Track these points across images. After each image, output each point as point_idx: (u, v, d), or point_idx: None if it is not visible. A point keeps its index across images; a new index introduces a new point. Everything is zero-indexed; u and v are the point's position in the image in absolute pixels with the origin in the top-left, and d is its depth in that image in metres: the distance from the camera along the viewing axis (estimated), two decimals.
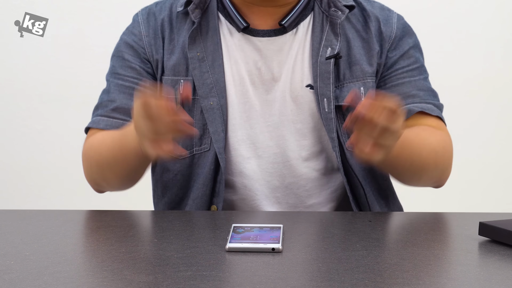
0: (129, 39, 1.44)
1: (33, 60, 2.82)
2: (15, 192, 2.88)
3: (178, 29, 1.41)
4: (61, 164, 2.87)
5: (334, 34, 1.38)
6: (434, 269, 0.99)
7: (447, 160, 1.41)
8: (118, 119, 1.39)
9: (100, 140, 1.37)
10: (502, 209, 1.75)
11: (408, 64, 1.43)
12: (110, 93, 1.42)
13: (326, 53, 1.37)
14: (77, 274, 0.95)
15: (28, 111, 2.84)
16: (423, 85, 1.43)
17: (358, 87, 1.39)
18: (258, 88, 1.38)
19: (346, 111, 1.38)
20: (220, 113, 1.36)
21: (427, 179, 1.42)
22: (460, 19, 2.89)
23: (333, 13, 1.39)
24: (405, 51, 1.43)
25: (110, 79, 1.44)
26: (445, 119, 1.45)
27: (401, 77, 1.42)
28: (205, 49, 1.38)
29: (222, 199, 1.37)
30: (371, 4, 1.45)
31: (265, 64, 1.38)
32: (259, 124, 1.38)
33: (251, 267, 0.97)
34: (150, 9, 1.46)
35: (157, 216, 1.28)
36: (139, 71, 1.42)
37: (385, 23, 1.43)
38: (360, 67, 1.39)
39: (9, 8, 2.77)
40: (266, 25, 1.40)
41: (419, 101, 1.41)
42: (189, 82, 1.35)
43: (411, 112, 1.40)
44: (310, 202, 1.41)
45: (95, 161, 1.37)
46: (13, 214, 1.31)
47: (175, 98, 1.12)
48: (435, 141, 1.37)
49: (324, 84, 1.36)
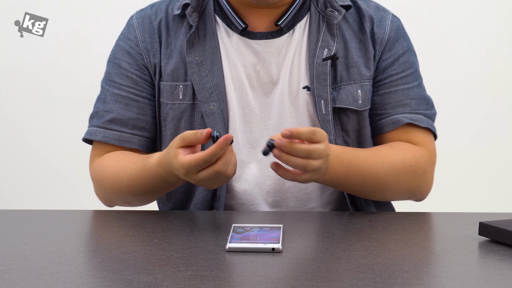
0: (125, 45, 1.42)
1: (33, 60, 2.82)
2: (15, 192, 2.88)
3: (175, 32, 1.40)
4: (61, 164, 2.87)
5: (330, 34, 1.37)
6: (434, 269, 0.99)
7: (415, 178, 1.36)
8: (115, 130, 1.39)
9: (116, 167, 1.36)
10: (502, 209, 1.75)
11: (403, 70, 1.42)
12: (106, 103, 1.41)
13: (322, 54, 1.36)
14: (77, 274, 0.95)
15: (28, 111, 2.84)
16: (416, 93, 1.42)
17: (356, 89, 1.38)
18: (257, 92, 1.38)
19: (343, 113, 1.38)
20: (220, 117, 1.35)
21: (395, 196, 1.39)
22: (460, 19, 2.89)
23: (329, 13, 1.38)
24: (399, 55, 1.42)
25: (106, 87, 1.42)
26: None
27: (395, 84, 1.41)
28: (204, 53, 1.37)
29: (223, 204, 1.37)
30: (367, 4, 1.44)
31: (264, 67, 1.37)
32: (259, 128, 1.38)
33: (251, 267, 0.97)
34: (145, 12, 1.43)
35: (157, 216, 1.28)
36: (135, 80, 1.40)
37: (379, 24, 1.41)
38: (358, 69, 1.38)
39: (9, 8, 2.77)
40: (263, 27, 1.39)
41: (409, 111, 1.40)
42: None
43: (400, 122, 1.39)
44: (310, 205, 1.40)
45: (114, 190, 1.36)
46: (13, 214, 1.31)
47: (213, 137, 1.13)
48: (399, 159, 1.34)
49: (321, 85, 1.35)
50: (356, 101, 1.38)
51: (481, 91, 2.92)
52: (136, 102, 1.40)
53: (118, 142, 1.39)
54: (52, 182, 2.88)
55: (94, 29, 2.81)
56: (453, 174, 2.92)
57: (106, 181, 1.37)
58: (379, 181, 1.32)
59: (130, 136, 1.40)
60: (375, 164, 1.31)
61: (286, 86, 1.37)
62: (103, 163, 1.38)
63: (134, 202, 1.40)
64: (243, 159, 1.37)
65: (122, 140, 1.39)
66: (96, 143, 1.42)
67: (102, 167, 1.38)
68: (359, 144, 1.40)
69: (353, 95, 1.37)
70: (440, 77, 2.85)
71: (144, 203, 1.41)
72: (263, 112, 1.38)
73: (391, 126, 1.40)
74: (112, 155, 1.38)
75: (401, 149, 1.36)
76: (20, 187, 2.89)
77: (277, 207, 1.39)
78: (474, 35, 2.88)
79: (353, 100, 1.37)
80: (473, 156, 2.95)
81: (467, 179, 2.96)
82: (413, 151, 1.36)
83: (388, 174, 1.32)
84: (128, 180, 1.33)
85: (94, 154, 1.43)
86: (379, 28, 1.41)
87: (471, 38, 2.89)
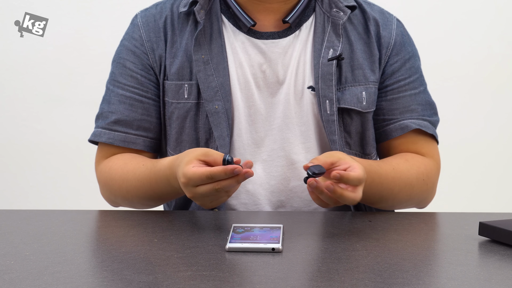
0: (130, 45, 1.42)
1: (33, 60, 2.81)
2: (15, 192, 2.88)
3: (180, 31, 1.40)
4: (61, 164, 2.87)
5: (336, 35, 1.37)
6: (434, 269, 0.99)
7: (426, 192, 1.40)
8: (120, 132, 1.39)
9: (125, 169, 1.36)
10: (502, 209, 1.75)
11: (409, 75, 1.43)
12: (111, 104, 1.40)
13: (328, 55, 1.36)
14: (77, 274, 0.95)
15: (28, 111, 2.84)
16: (422, 98, 1.43)
17: (360, 91, 1.38)
18: (263, 92, 1.38)
19: (347, 114, 1.38)
20: (225, 117, 1.35)
21: (403, 207, 1.43)
22: (461, 18, 2.89)
23: (334, 13, 1.38)
24: (405, 60, 1.43)
25: (111, 87, 1.42)
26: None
27: (403, 90, 1.42)
28: (210, 52, 1.36)
29: (225, 203, 1.37)
30: (371, 7, 1.44)
31: (270, 67, 1.37)
32: (264, 128, 1.38)
33: (251, 267, 0.97)
34: (150, 11, 1.43)
35: (157, 216, 1.28)
36: (140, 80, 1.40)
37: (384, 28, 1.42)
38: (363, 72, 1.39)
39: (9, 8, 2.77)
40: (270, 25, 1.39)
41: (417, 117, 1.42)
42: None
43: (408, 128, 1.40)
44: (315, 205, 1.40)
45: (122, 192, 1.36)
46: (13, 214, 1.30)
47: (224, 160, 1.13)
48: (414, 174, 1.36)
49: (326, 85, 1.36)
50: (360, 103, 1.38)
51: (483, 91, 2.92)
52: (140, 103, 1.40)
53: (123, 144, 1.39)
54: (52, 182, 2.88)
55: (94, 29, 2.81)
56: (453, 174, 2.92)
57: (114, 183, 1.37)
58: (393, 196, 1.35)
59: (135, 137, 1.40)
60: (393, 180, 1.33)
61: (292, 86, 1.37)
62: (111, 165, 1.38)
63: (140, 206, 1.40)
64: (247, 159, 1.37)
65: (127, 141, 1.39)
66: (101, 144, 1.42)
67: (110, 169, 1.38)
68: (361, 146, 1.41)
69: (357, 96, 1.38)
70: (440, 77, 2.85)
71: (149, 208, 1.41)
72: (268, 112, 1.38)
73: (399, 131, 1.41)
74: (120, 157, 1.38)
75: (416, 162, 1.38)
76: (20, 187, 2.89)
77: (281, 207, 1.39)
78: (475, 34, 2.88)
79: (357, 101, 1.38)
80: (473, 156, 2.95)
81: (467, 179, 2.96)
82: (425, 165, 1.39)
83: (403, 189, 1.35)
84: (136, 182, 1.32)
85: (100, 156, 1.42)
86: (385, 32, 1.42)
87: (471, 37, 2.88)
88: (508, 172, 2.98)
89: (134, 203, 1.38)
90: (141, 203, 1.38)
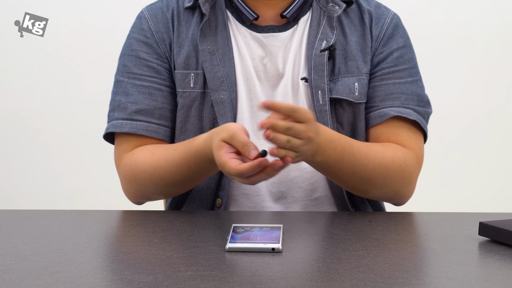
0: (140, 36, 1.42)
1: (33, 60, 2.82)
2: (15, 192, 2.88)
3: (186, 22, 1.42)
4: (61, 164, 2.87)
5: (330, 27, 1.40)
6: (434, 269, 0.99)
7: (401, 179, 1.35)
8: (142, 121, 1.38)
9: (154, 157, 1.34)
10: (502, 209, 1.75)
11: (396, 64, 1.42)
12: (129, 95, 1.39)
13: (321, 46, 1.38)
14: (77, 274, 0.95)
15: (28, 111, 2.85)
16: (408, 88, 1.41)
17: (353, 82, 1.39)
18: (264, 84, 1.40)
19: (339, 105, 1.38)
20: (230, 107, 1.36)
21: (378, 194, 1.37)
22: (460, 18, 2.89)
23: (330, 8, 1.41)
24: (392, 50, 1.42)
25: (125, 80, 1.40)
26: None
27: (385, 78, 1.41)
28: (215, 43, 1.39)
29: (227, 193, 1.38)
30: (368, 2, 1.47)
31: (271, 60, 1.40)
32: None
33: (251, 267, 0.97)
34: (156, 5, 1.45)
35: (157, 216, 1.28)
36: (156, 69, 1.40)
37: (377, 21, 1.44)
38: (356, 63, 1.40)
39: (9, 8, 2.77)
40: (270, 19, 1.42)
41: (398, 105, 1.39)
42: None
43: (386, 115, 1.38)
44: (316, 195, 1.40)
45: (154, 181, 1.35)
46: (13, 214, 1.31)
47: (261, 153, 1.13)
48: (389, 157, 1.33)
49: (318, 76, 1.37)
50: (352, 93, 1.38)
51: (483, 91, 2.92)
52: (160, 91, 1.40)
53: (146, 132, 1.37)
54: (52, 182, 2.88)
55: (94, 29, 2.81)
56: (453, 174, 2.92)
57: (143, 174, 1.35)
58: (367, 175, 1.31)
59: (157, 127, 1.39)
60: (367, 156, 1.30)
61: (290, 79, 1.39)
62: (137, 157, 1.36)
63: (174, 190, 1.38)
64: None
65: (150, 130, 1.38)
66: (121, 138, 1.40)
67: (137, 161, 1.36)
68: (353, 137, 1.41)
69: (349, 87, 1.38)
70: (441, 77, 2.85)
71: (185, 190, 1.39)
72: None
73: (377, 119, 1.39)
74: (144, 149, 1.37)
75: (392, 148, 1.36)
76: (20, 187, 2.89)
77: (283, 198, 1.40)
78: (475, 34, 2.89)
79: (349, 91, 1.38)
80: (473, 156, 2.95)
81: (467, 179, 2.96)
82: (403, 152, 1.36)
83: (377, 169, 1.31)
84: (171, 168, 1.31)
85: (121, 150, 1.40)
86: (378, 25, 1.44)
87: (472, 36, 2.89)
88: (508, 172, 2.98)
89: (169, 188, 1.36)
90: (176, 188, 1.36)
